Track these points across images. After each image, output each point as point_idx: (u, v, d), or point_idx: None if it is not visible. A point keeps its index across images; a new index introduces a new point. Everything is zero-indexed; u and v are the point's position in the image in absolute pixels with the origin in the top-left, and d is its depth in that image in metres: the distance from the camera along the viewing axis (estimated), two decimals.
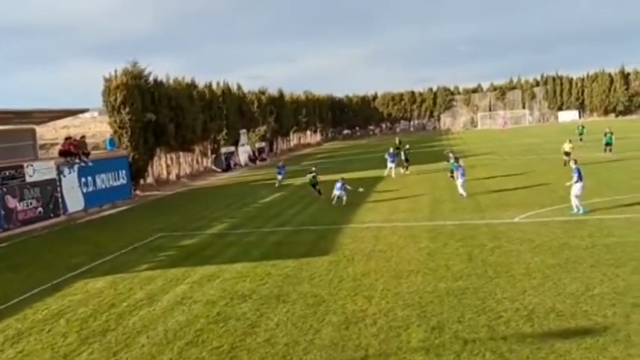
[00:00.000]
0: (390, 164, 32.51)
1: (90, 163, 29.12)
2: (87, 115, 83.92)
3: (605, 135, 35.23)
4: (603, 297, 10.38)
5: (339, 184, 24.44)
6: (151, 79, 39.92)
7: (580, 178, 17.85)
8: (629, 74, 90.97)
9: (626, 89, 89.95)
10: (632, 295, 10.35)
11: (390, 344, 9.18)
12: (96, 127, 73.95)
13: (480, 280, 12.04)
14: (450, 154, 29.79)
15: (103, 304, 12.65)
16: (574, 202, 17.83)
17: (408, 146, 36.96)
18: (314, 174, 27.65)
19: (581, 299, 10.38)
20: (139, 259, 16.94)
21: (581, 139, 43.65)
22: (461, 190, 23.60)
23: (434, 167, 35.22)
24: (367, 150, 61.92)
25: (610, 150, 34.21)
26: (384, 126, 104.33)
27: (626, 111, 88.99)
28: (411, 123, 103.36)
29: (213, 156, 50.14)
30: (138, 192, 35.45)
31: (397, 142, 48.78)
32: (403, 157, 34.16)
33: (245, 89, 60.26)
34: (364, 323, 10.14)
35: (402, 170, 33.63)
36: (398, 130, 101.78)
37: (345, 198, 23.91)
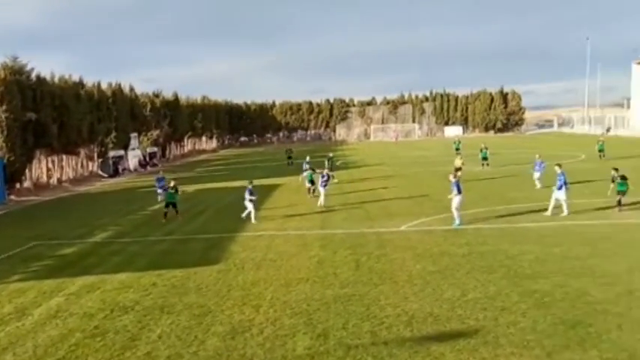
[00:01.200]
0: (305, 173, 31.23)
1: None
2: None
3: (481, 151, 37.79)
4: (476, 302, 11.08)
5: (248, 194, 21.32)
6: (33, 75, 37.26)
7: (459, 191, 18.94)
8: (507, 94, 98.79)
9: (505, 108, 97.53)
10: (501, 299, 11.15)
11: (276, 353, 9.17)
12: None
13: (365, 287, 12.40)
14: (305, 165, 30.22)
15: None
16: (455, 214, 18.92)
17: (332, 154, 37.01)
18: (174, 190, 22.88)
19: (457, 304, 11.01)
20: (9, 269, 15.62)
21: (458, 153, 46.47)
22: (322, 201, 23.97)
23: None
24: (264, 158, 61.85)
25: (487, 164, 36.74)
26: (281, 134, 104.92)
27: (504, 128, 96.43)
28: (308, 133, 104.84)
29: (100, 160, 47.61)
30: (13, 197, 32.78)
31: (289, 151, 49.41)
32: (328, 167, 33.37)
33: (138, 92, 58.13)
34: (250, 333, 10.05)
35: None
36: (295, 139, 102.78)
37: (253, 212, 21.21)
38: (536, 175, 26.88)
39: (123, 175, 47.73)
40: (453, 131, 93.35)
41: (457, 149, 48.39)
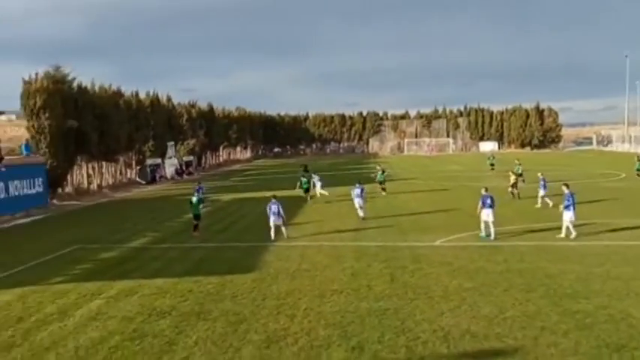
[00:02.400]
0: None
1: (3, 169, 27.43)
2: (3, 117, 79.46)
3: (515, 166, 37.23)
4: (514, 320, 10.88)
5: (274, 207, 20.12)
6: (75, 84, 38.41)
7: (486, 205, 18.96)
8: (543, 111, 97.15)
9: (541, 124, 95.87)
10: (541, 319, 10.92)
11: None
12: (12, 131, 70.01)
13: (400, 301, 12.31)
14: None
15: (9, 317, 11.87)
16: (488, 227, 18.92)
17: (378, 167, 36.41)
18: (199, 201, 21.61)
19: (495, 322, 10.83)
20: (52, 271, 16.06)
21: (492, 169, 46.20)
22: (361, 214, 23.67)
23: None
24: (297, 169, 62.10)
25: (522, 180, 35.94)
26: (314, 146, 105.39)
27: (541, 145, 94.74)
28: (341, 145, 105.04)
29: (138, 167, 48.62)
30: (55, 201, 33.72)
31: (304, 166, 42.15)
32: (379, 180, 33.56)
33: (175, 101, 59.30)
34: (285, 342, 10.09)
35: (383, 193, 32.74)
36: (328, 151, 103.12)
37: (283, 228, 20.18)
38: (542, 192, 26.18)
39: (160, 182, 48.63)
40: (488, 146, 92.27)
41: (492, 165, 47.91)
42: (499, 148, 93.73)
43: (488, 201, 19.04)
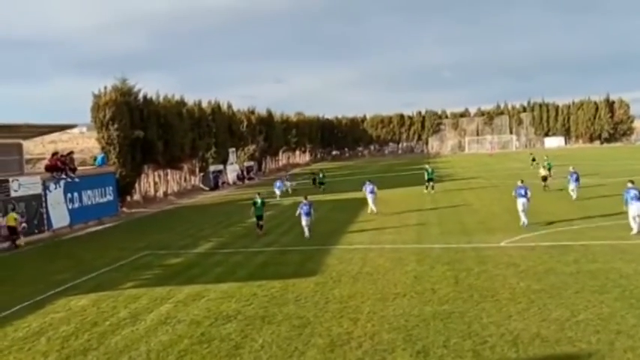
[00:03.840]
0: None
1: (76, 179, 28.89)
2: (75, 130, 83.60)
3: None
4: (588, 323, 10.42)
5: (305, 208, 21.51)
6: (140, 96, 40.00)
7: (520, 195, 20.91)
8: (613, 103, 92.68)
9: (611, 117, 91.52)
10: (616, 321, 10.41)
11: None
12: (84, 143, 73.72)
13: (465, 304, 12.05)
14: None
15: (85, 322, 12.46)
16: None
17: (427, 166, 37.95)
18: (262, 203, 23.16)
19: (566, 325, 10.41)
20: (123, 277, 16.76)
21: (535, 163, 46.39)
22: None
23: (420, 190, 35.38)
24: (355, 171, 62.07)
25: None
26: (372, 148, 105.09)
27: (611, 138, 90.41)
28: (400, 145, 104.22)
29: (201, 174, 50.02)
30: (124, 209, 35.19)
31: (321, 171, 44.93)
32: (427, 178, 35.36)
33: (235, 108, 60.63)
34: (349, 346, 10.08)
35: (424, 190, 34.73)
36: (387, 152, 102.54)
37: (309, 228, 21.37)
38: (571, 186, 27.18)
39: (222, 188, 49.82)
40: (555, 142, 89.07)
41: (533, 159, 49.11)
42: (565, 143, 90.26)
43: (522, 191, 20.92)
